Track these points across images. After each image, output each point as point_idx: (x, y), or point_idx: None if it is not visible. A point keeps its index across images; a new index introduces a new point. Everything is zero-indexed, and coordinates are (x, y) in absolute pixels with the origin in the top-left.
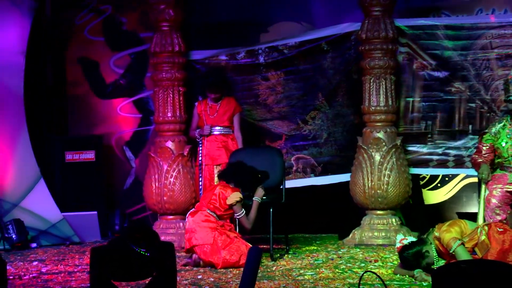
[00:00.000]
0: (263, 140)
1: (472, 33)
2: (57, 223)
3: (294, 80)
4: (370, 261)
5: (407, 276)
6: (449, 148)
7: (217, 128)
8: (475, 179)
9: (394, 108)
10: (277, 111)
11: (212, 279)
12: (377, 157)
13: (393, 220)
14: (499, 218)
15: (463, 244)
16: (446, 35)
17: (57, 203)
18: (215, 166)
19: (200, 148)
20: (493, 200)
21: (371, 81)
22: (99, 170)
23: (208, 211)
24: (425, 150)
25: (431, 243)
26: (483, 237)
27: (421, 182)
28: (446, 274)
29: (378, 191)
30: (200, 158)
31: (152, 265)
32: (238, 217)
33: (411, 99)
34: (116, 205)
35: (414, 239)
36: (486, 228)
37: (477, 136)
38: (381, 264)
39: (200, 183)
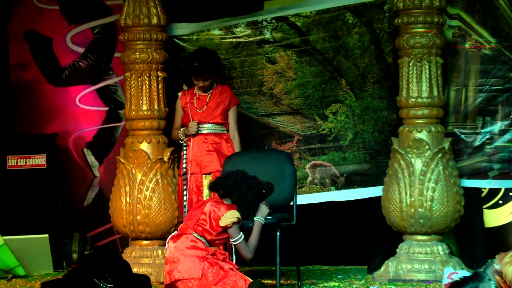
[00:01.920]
0: (269, 142)
1: None
2: None
3: (310, 62)
4: None
5: None
6: None
7: (207, 125)
8: None
9: (440, 100)
10: (287, 103)
11: None
12: (418, 164)
13: (439, 248)
14: None
15: None
16: (510, 2)
17: None
18: (204, 176)
19: (185, 152)
20: None
21: (411, 64)
22: (52, 180)
23: (195, 235)
24: (482, 155)
25: (489, 279)
26: None
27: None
28: None
29: (419, 209)
30: (184, 165)
31: None
32: (234, 243)
33: (463, 89)
34: (75, 227)
35: (467, 274)
36: None
37: None
38: None
39: (185, 198)
